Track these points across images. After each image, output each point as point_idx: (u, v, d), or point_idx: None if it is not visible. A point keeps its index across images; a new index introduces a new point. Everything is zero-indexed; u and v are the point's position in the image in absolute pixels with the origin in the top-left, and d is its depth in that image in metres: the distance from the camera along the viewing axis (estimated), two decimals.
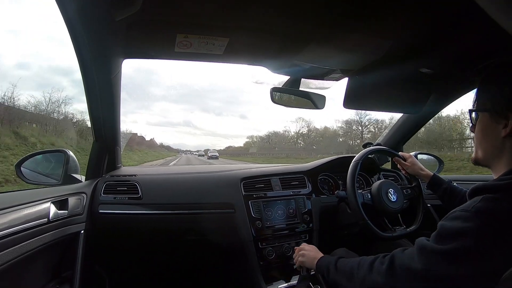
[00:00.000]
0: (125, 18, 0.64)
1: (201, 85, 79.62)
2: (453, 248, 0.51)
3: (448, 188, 1.06)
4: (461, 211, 0.54)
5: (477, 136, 0.64)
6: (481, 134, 0.63)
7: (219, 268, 1.36)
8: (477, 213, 0.51)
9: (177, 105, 66.20)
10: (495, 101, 0.58)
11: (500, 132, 0.57)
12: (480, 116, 0.63)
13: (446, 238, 0.53)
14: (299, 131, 34.77)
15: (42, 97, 15.38)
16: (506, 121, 0.56)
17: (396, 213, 1.15)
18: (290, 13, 0.66)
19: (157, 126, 62.34)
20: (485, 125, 0.61)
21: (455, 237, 0.51)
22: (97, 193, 1.15)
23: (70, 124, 12.78)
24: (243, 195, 1.20)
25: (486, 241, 0.49)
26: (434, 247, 0.54)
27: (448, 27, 0.68)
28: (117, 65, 0.91)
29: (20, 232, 0.76)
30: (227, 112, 70.12)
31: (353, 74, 0.94)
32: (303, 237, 1.22)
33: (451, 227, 0.53)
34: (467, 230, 0.51)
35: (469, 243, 0.50)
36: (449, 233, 0.53)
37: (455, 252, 0.51)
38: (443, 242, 0.53)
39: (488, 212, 0.51)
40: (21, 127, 9.37)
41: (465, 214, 0.53)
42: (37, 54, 31.01)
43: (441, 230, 0.55)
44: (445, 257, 0.52)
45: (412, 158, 1.18)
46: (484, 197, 0.53)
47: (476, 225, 0.50)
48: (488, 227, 0.50)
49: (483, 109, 0.61)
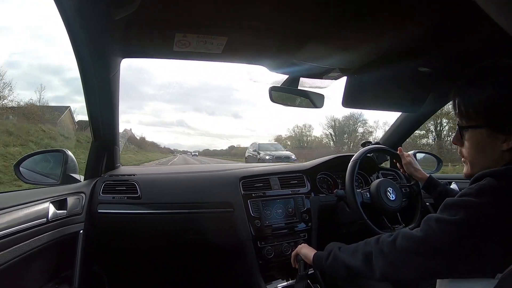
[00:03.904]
0: (124, 17, 0.64)
1: (193, 84, 79.30)
2: (455, 218, 0.52)
3: (443, 190, 1.03)
4: (466, 189, 0.55)
5: (471, 153, 0.61)
6: (476, 151, 0.60)
7: (218, 267, 1.36)
8: (480, 190, 0.52)
9: (169, 104, 66.05)
10: (491, 115, 0.56)
11: (499, 147, 0.56)
12: (471, 132, 0.59)
13: (451, 209, 0.54)
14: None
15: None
16: (507, 135, 0.55)
17: (395, 212, 1.15)
18: (289, 12, 0.66)
19: (150, 126, 62.11)
20: (480, 141, 0.58)
21: (459, 209, 0.52)
22: (96, 192, 1.15)
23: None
24: (242, 194, 1.20)
25: (488, 216, 0.50)
26: (438, 216, 0.55)
27: (447, 26, 0.68)
28: (116, 64, 0.90)
29: (19, 232, 0.75)
30: (220, 111, 70.04)
31: (351, 73, 0.94)
32: (302, 236, 1.22)
33: (456, 201, 0.54)
34: (471, 204, 0.52)
35: (472, 215, 0.51)
36: (453, 205, 0.54)
37: (457, 222, 0.52)
38: (446, 212, 0.54)
39: (491, 189, 0.52)
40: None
41: (469, 191, 0.54)
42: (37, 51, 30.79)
43: (446, 203, 0.56)
44: (447, 226, 0.53)
45: (409, 157, 1.16)
46: (487, 178, 0.54)
47: (480, 200, 0.51)
48: (490, 202, 0.51)
49: (477, 126, 0.58)
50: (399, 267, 0.58)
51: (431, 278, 0.62)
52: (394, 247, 0.59)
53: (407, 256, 0.57)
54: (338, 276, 0.81)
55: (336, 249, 0.74)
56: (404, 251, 0.57)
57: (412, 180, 1.22)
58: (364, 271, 0.64)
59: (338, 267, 0.71)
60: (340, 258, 0.71)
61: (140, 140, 33.81)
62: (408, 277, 0.58)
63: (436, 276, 0.59)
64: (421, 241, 0.55)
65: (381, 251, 0.61)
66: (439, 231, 0.53)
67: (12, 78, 21.76)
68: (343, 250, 0.72)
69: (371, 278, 0.63)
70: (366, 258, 0.64)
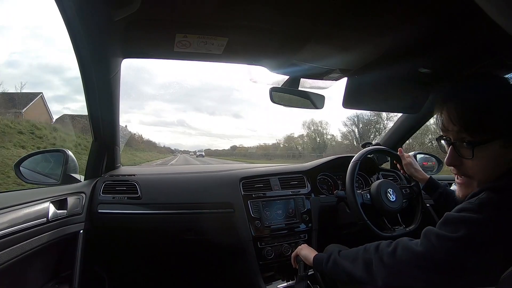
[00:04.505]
0: (124, 18, 0.64)
1: (193, 83, 79.45)
2: (456, 235, 0.52)
3: (443, 192, 1.04)
4: (465, 204, 0.54)
5: (482, 168, 0.55)
6: (489, 165, 0.54)
7: (218, 267, 1.36)
8: (481, 205, 0.52)
9: (170, 104, 66.21)
10: (506, 125, 0.51)
11: (510, 155, 0.53)
12: (483, 146, 0.53)
13: (451, 224, 0.53)
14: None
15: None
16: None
17: (395, 213, 1.15)
18: (289, 12, 0.66)
19: (151, 125, 62.25)
20: (494, 153, 0.53)
21: (459, 225, 0.52)
22: (96, 192, 1.15)
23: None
24: (242, 194, 1.20)
25: (489, 232, 0.50)
26: (438, 232, 0.55)
27: (447, 26, 0.68)
28: (116, 64, 0.91)
29: (19, 232, 0.76)
30: (220, 111, 70.14)
31: (352, 73, 0.94)
32: (302, 237, 1.22)
33: (456, 216, 0.54)
34: (471, 220, 0.51)
35: (472, 231, 0.51)
36: (453, 221, 0.54)
37: (458, 239, 0.51)
38: (447, 228, 0.54)
39: (491, 204, 0.51)
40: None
41: (469, 206, 0.53)
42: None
43: (446, 218, 0.55)
44: (447, 242, 0.52)
45: (409, 158, 1.16)
46: (486, 191, 0.53)
47: (480, 216, 0.51)
48: (491, 218, 0.50)
49: (492, 138, 0.52)
50: (401, 277, 0.58)
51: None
52: (394, 258, 0.59)
53: (407, 268, 0.57)
54: (339, 280, 0.80)
55: (336, 253, 0.74)
56: (404, 263, 0.58)
57: (412, 181, 1.21)
58: (365, 279, 0.64)
59: (339, 272, 0.71)
60: (340, 264, 0.71)
61: (130, 138, 30.07)
62: (411, 286, 0.58)
63: (438, 287, 0.59)
64: (421, 255, 0.55)
65: (381, 261, 0.61)
66: (440, 247, 0.53)
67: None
68: (343, 256, 0.72)
69: (373, 285, 0.63)
70: (367, 266, 0.64)
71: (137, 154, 21.07)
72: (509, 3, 0.26)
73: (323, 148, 23.48)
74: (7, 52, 26.11)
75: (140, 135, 32.26)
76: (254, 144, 57.45)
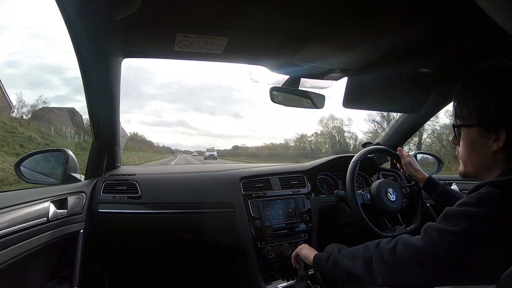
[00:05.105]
0: (125, 17, 0.64)
1: (193, 83, 79.42)
2: (456, 228, 0.52)
3: (443, 191, 1.04)
4: (466, 198, 0.55)
5: (465, 151, 0.63)
6: (469, 149, 0.62)
7: (218, 267, 1.36)
8: (482, 199, 0.52)
9: (170, 104, 66.36)
10: (483, 115, 0.57)
11: (491, 146, 0.57)
12: (466, 131, 0.61)
13: (451, 219, 0.54)
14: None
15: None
16: (497, 135, 0.55)
17: (396, 213, 1.15)
18: (290, 12, 0.66)
19: (151, 125, 62.39)
20: (473, 140, 0.60)
21: (459, 219, 0.52)
22: (96, 192, 1.15)
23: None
24: (242, 194, 1.20)
25: (489, 227, 0.50)
26: (438, 226, 0.55)
27: (448, 26, 0.68)
28: (117, 64, 0.90)
29: (19, 232, 0.76)
30: (221, 111, 70.30)
31: (352, 73, 0.94)
32: (302, 237, 1.22)
33: (457, 210, 0.54)
34: (471, 214, 0.52)
35: (473, 225, 0.51)
36: (454, 215, 0.54)
37: (458, 232, 0.51)
38: (447, 223, 0.54)
39: (492, 198, 0.52)
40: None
41: (470, 200, 0.54)
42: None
43: (446, 213, 0.56)
44: (448, 236, 0.52)
45: (408, 157, 1.16)
46: (487, 186, 0.54)
47: (481, 210, 0.51)
48: (492, 213, 0.51)
49: (470, 124, 0.60)
50: (401, 275, 0.58)
51: (434, 286, 0.62)
52: (395, 255, 0.59)
53: (408, 265, 0.57)
54: (339, 279, 0.80)
55: (336, 252, 0.74)
56: (404, 260, 0.58)
57: (412, 181, 1.21)
58: (365, 276, 0.64)
59: (339, 271, 0.71)
60: (340, 262, 0.71)
61: (122, 136, 26.08)
62: (410, 284, 0.59)
63: (438, 283, 0.59)
64: (422, 251, 0.55)
65: (381, 258, 0.61)
66: (440, 242, 0.53)
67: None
68: (343, 254, 0.72)
69: (373, 283, 0.63)
70: (367, 263, 0.64)
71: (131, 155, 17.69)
72: (509, 3, 0.26)
73: (345, 146, 21.19)
74: (7, 52, 26.07)
75: (135, 133, 28.81)
76: (255, 144, 57.01)
